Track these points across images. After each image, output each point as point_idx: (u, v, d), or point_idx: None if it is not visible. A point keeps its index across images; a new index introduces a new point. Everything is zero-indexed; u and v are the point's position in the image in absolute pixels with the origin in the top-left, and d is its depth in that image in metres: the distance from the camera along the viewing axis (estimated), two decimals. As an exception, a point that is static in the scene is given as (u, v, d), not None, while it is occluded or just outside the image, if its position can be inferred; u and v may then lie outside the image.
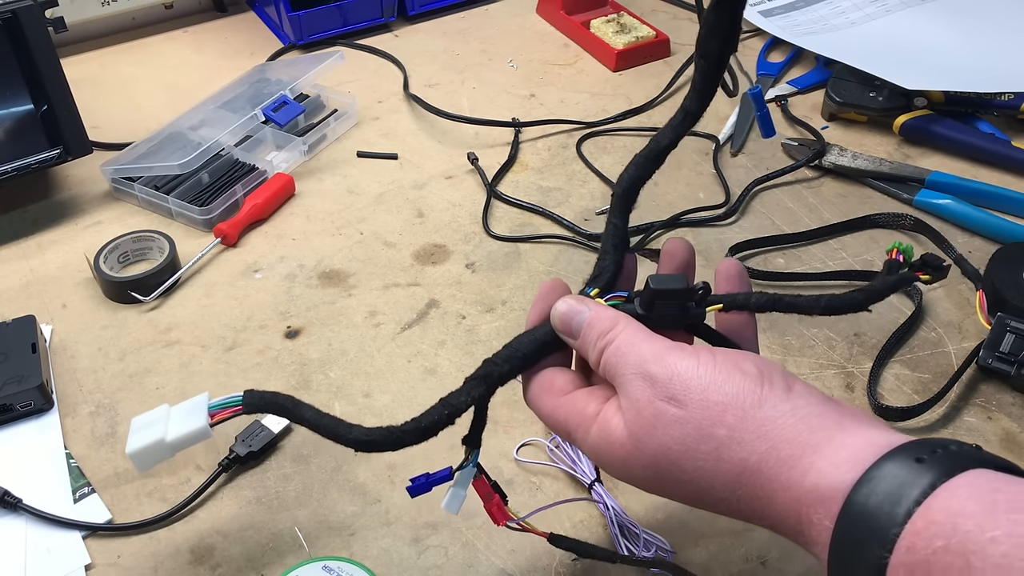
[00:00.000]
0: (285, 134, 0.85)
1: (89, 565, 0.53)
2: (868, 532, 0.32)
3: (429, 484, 0.46)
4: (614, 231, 0.47)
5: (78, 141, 0.76)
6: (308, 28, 1.00)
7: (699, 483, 0.38)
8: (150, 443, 0.46)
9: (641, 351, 0.40)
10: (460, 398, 0.44)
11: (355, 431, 0.43)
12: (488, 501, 0.47)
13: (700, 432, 0.37)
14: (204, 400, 0.47)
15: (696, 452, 0.38)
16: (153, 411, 0.48)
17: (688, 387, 0.38)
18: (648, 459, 0.39)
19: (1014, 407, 0.61)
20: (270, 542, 0.54)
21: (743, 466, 0.37)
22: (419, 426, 0.43)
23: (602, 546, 0.53)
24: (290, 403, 0.45)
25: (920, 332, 0.67)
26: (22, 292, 0.71)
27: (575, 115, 0.90)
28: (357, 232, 0.77)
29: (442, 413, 0.44)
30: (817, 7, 1.03)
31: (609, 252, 0.47)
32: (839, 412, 0.37)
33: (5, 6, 0.70)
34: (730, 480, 0.37)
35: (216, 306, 0.70)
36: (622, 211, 0.48)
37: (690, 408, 0.38)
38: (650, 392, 0.39)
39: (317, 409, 0.45)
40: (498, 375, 0.44)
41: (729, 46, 0.44)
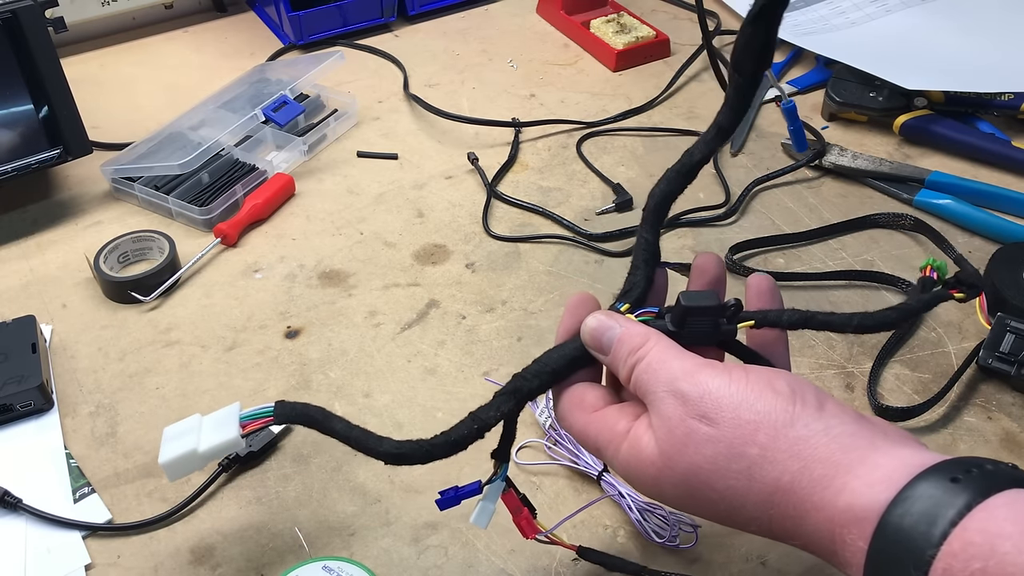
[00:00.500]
0: (285, 134, 0.85)
1: (89, 565, 0.53)
2: (904, 553, 0.32)
3: (458, 498, 0.47)
4: (645, 246, 0.47)
5: (78, 141, 0.76)
6: (308, 28, 1.00)
7: (730, 502, 0.38)
8: (182, 454, 0.46)
9: (672, 368, 0.40)
10: (490, 413, 0.44)
11: (385, 444, 0.44)
12: (517, 515, 0.48)
13: (732, 451, 0.37)
14: (236, 410, 0.47)
15: (728, 471, 0.38)
16: (185, 421, 0.48)
17: (720, 405, 0.38)
18: (679, 477, 0.39)
19: (1014, 407, 0.61)
20: (270, 542, 0.54)
21: (775, 486, 0.37)
22: (448, 440, 0.44)
23: (616, 554, 0.53)
24: (320, 415, 0.45)
25: (920, 332, 0.67)
26: (22, 292, 0.71)
27: (575, 115, 0.90)
28: (357, 232, 0.77)
29: (471, 427, 0.44)
30: (817, 7, 1.03)
31: (640, 267, 0.46)
32: (872, 431, 0.37)
33: (5, 6, 0.70)
34: (762, 499, 0.37)
35: (216, 306, 0.70)
36: (653, 225, 0.47)
37: (722, 427, 0.38)
38: (682, 410, 0.39)
39: (347, 421, 0.45)
40: (527, 390, 0.44)
41: (764, 62, 0.44)
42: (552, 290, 0.71)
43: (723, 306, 0.43)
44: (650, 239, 0.47)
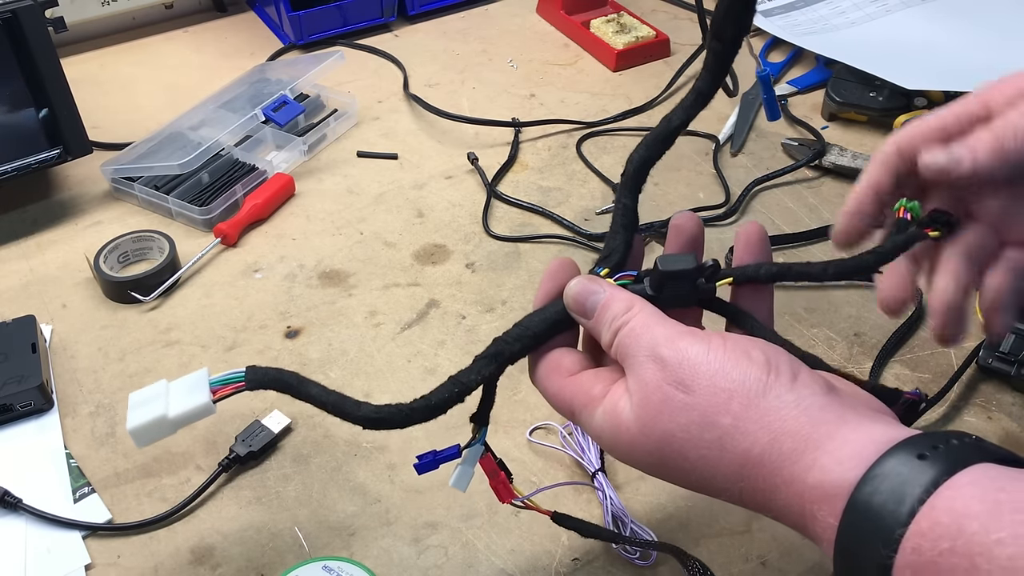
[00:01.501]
0: (285, 134, 0.85)
1: (89, 565, 0.53)
2: (872, 532, 0.32)
3: (436, 462, 0.46)
4: (624, 211, 0.47)
5: (78, 141, 0.76)
6: (308, 28, 1.00)
7: (702, 472, 0.38)
8: (151, 419, 0.44)
9: (655, 334, 0.40)
10: (470, 376, 0.44)
11: (364, 408, 0.43)
12: (494, 478, 0.47)
13: (705, 420, 0.37)
14: (204, 376, 0.46)
15: (700, 440, 0.37)
16: (151, 387, 0.46)
17: (697, 372, 0.38)
18: (653, 445, 0.39)
19: (1014, 407, 0.61)
20: (270, 542, 0.54)
21: (745, 457, 0.37)
22: (428, 404, 0.43)
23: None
24: (295, 380, 0.44)
25: (920, 332, 0.67)
26: (22, 292, 0.71)
27: (575, 115, 0.90)
28: (357, 232, 0.77)
29: (452, 391, 0.43)
30: (817, 7, 1.03)
31: (619, 232, 0.47)
32: (842, 404, 0.37)
33: (5, 6, 0.70)
34: (733, 471, 0.37)
35: (216, 306, 0.70)
36: (632, 191, 0.48)
37: (697, 394, 0.38)
38: (660, 376, 0.38)
39: (323, 386, 0.44)
40: (508, 354, 0.44)
41: (743, 28, 0.44)
42: (552, 290, 0.71)
43: (700, 268, 0.43)
44: (629, 204, 0.47)
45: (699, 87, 0.47)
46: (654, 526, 0.54)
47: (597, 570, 0.53)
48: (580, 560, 0.53)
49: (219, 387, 0.45)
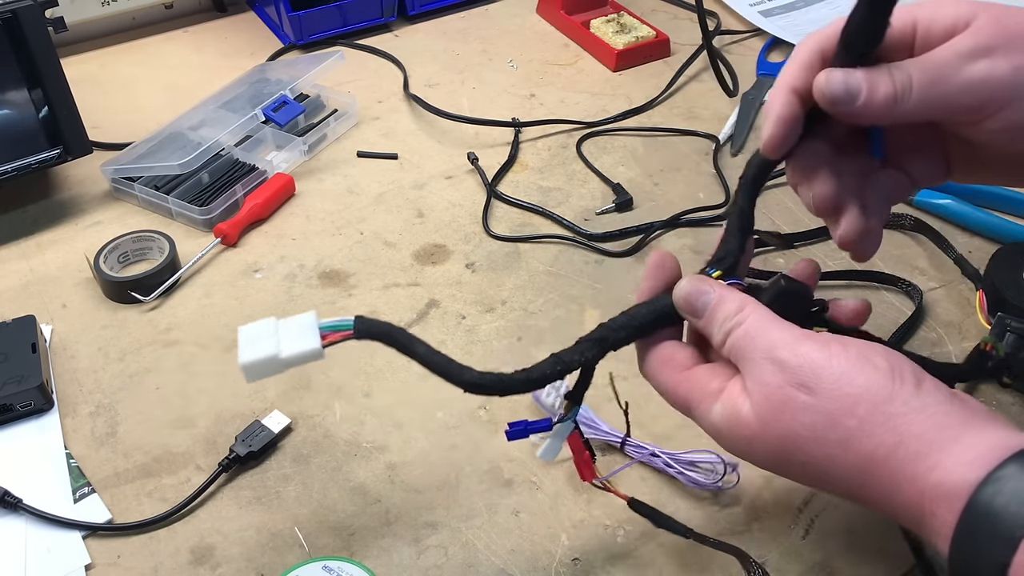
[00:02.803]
0: (285, 134, 0.85)
1: (89, 565, 0.53)
2: (993, 531, 0.34)
3: (527, 431, 0.48)
4: (740, 214, 0.48)
5: (78, 141, 0.76)
6: (308, 28, 1.00)
7: (824, 468, 0.40)
8: (264, 357, 0.44)
9: (772, 336, 0.41)
10: (573, 356, 0.45)
11: (467, 373, 0.44)
12: (579, 455, 0.49)
13: (830, 420, 0.39)
14: (313, 319, 0.46)
15: (824, 439, 0.39)
16: (260, 322, 0.46)
17: (819, 376, 0.39)
18: (774, 442, 0.40)
19: (1014, 407, 0.61)
20: (270, 542, 0.54)
21: (870, 457, 0.38)
22: (529, 377, 0.44)
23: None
24: (403, 336, 0.45)
25: (920, 332, 0.67)
26: (22, 292, 0.71)
27: (575, 115, 0.90)
28: (357, 232, 0.77)
29: (554, 368, 0.44)
30: (817, 7, 1.03)
31: (734, 235, 0.47)
32: (964, 410, 0.38)
33: (5, 6, 0.70)
34: (855, 469, 0.39)
35: (216, 306, 0.70)
36: (750, 194, 0.48)
37: (820, 396, 0.39)
38: (780, 377, 0.40)
39: (429, 346, 0.45)
40: (613, 340, 0.45)
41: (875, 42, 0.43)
42: (552, 290, 0.71)
43: (812, 300, 0.45)
44: (745, 208, 0.48)
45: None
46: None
47: (597, 570, 0.53)
48: (580, 560, 0.53)
49: (328, 333, 0.45)
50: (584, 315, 0.69)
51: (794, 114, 0.45)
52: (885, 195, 0.49)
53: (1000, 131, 0.42)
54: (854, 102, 0.42)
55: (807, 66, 0.44)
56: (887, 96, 0.42)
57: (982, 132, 0.43)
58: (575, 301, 0.70)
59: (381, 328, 0.45)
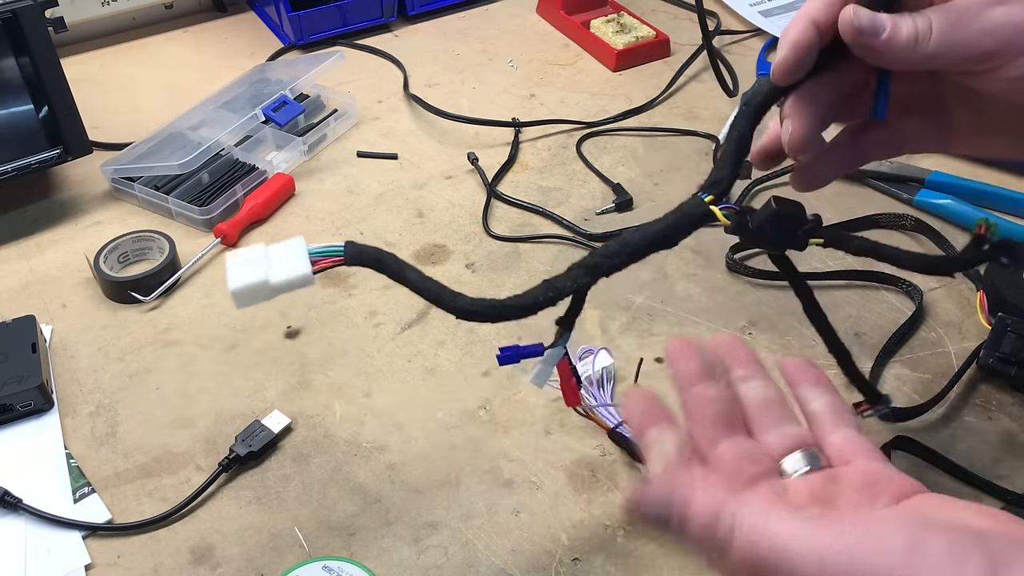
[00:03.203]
0: (285, 134, 0.85)
1: (89, 565, 0.53)
2: None
3: (518, 356, 0.48)
4: (737, 141, 0.47)
5: (78, 141, 0.76)
6: (308, 28, 1.00)
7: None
8: (254, 282, 0.44)
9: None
10: (565, 283, 0.45)
11: (460, 299, 0.44)
12: (566, 382, 0.49)
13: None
14: (302, 244, 0.46)
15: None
16: (248, 249, 0.46)
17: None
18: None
19: (1014, 407, 0.61)
20: (270, 542, 0.54)
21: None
22: (522, 303, 0.44)
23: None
24: (393, 262, 0.45)
25: (920, 332, 0.67)
26: (22, 292, 0.71)
27: (575, 115, 0.90)
28: (357, 232, 0.77)
29: (546, 294, 0.44)
30: (817, 7, 1.03)
31: (728, 163, 0.47)
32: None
33: (5, 6, 0.70)
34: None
35: (216, 306, 0.70)
36: (751, 121, 0.47)
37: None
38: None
39: (421, 272, 0.45)
40: (606, 267, 0.45)
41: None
42: (552, 290, 0.71)
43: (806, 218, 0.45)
44: (745, 134, 0.47)
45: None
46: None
47: (597, 570, 0.53)
48: (580, 560, 0.53)
49: (318, 259, 0.45)
50: (584, 315, 0.69)
51: (810, 42, 0.44)
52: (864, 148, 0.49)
53: (1015, 79, 0.42)
54: (878, 35, 0.42)
55: (830, 2, 0.44)
56: (909, 36, 0.42)
57: (996, 81, 0.43)
58: (575, 301, 0.70)
59: (371, 254, 0.45)
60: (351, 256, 0.45)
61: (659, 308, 0.69)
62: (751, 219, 0.45)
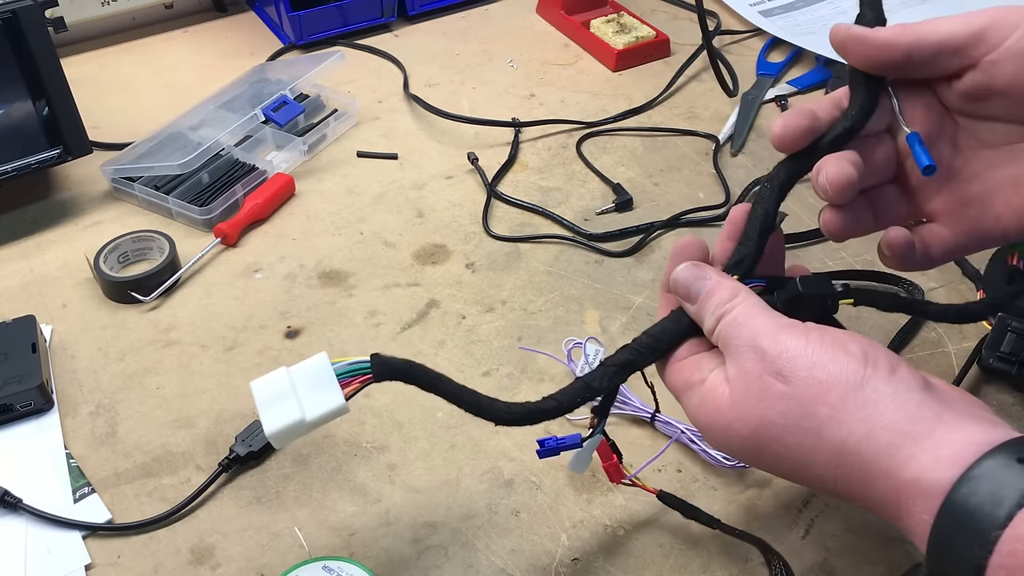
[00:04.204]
0: (285, 134, 0.85)
1: (89, 565, 0.53)
2: (968, 532, 0.33)
3: (557, 448, 0.49)
4: (763, 217, 0.47)
5: (78, 141, 0.76)
6: (308, 28, 1.00)
7: (797, 458, 0.39)
8: (290, 424, 0.44)
9: (756, 325, 0.41)
10: (601, 382, 0.46)
11: (497, 406, 0.45)
12: (607, 460, 0.51)
13: (803, 409, 0.39)
14: (327, 366, 0.45)
15: (797, 428, 0.39)
16: (271, 376, 0.45)
17: (795, 364, 0.39)
18: (749, 430, 0.40)
19: (1014, 407, 0.61)
20: (270, 542, 0.54)
21: (842, 447, 0.38)
22: (560, 404, 0.45)
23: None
24: (423, 373, 0.45)
25: (921, 332, 0.67)
26: (22, 292, 0.71)
27: (575, 115, 0.90)
28: (357, 232, 0.77)
29: (583, 394, 0.46)
30: (817, 7, 1.03)
31: (752, 239, 0.47)
32: (939, 402, 0.38)
33: (5, 6, 0.70)
34: (829, 459, 0.38)
35: (216, 306, 0.70)
36: (776, 197, 0.47)
37: (795, 385, 0.39)
38: (759, 366, 0.40)
39: (452, 381, 0.45)
40: (640, 364, 0.46)
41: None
42: (552, 290, 0.71)
43: (835, 294, 0.45)
44: (770, 210, 0.47)
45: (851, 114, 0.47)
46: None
47: (597, 570, 0.53)
48: (580, 560, 0.53)
49: (348, 380, 0.45)
50: (584, 315, 0.69)
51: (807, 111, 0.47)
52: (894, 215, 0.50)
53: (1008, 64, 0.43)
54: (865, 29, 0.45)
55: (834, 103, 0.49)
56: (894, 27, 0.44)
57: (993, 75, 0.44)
58: (575, 301, 0.70)
59: (400, 367, 0.44)
60: (379, 372, 0.44)
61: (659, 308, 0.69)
62: (778, 296, 0.45)
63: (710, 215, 0.77)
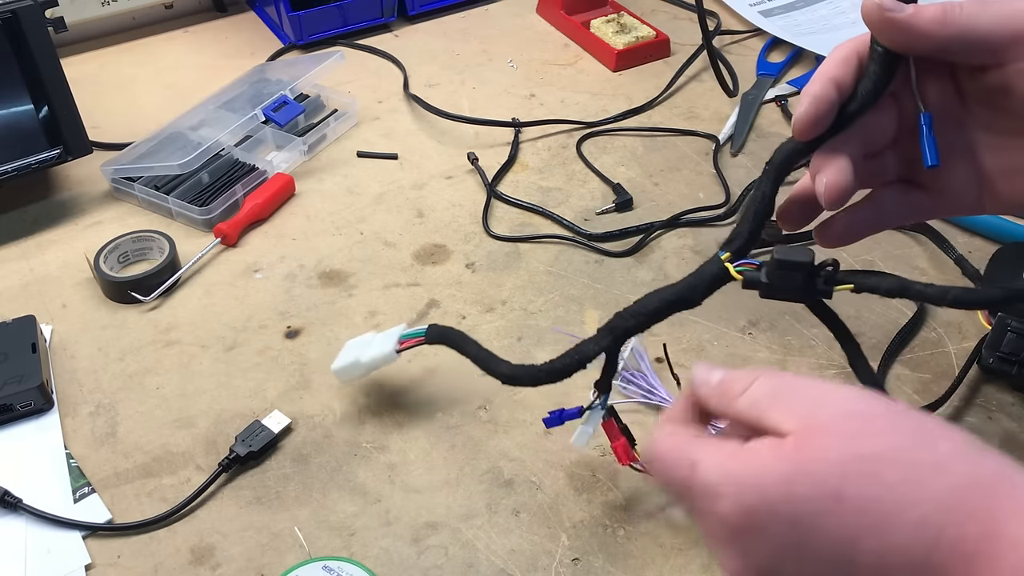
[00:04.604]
0: (285, 134, 0.85)
1: (89, 565, 0.53)
2: None
3: (562, 419, 0.53)
4: (761, 199, 0.47)
5: (78, 141, 0.76)
6: (308, 28, 1.00)
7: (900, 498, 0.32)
8: (349, 363, 0.59)
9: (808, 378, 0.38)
10: (590, 347, 0.48)
11: (503, 366, 0.52)
12: (615, 440, 0.51)
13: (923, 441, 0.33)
14: (399, 330, 0.59)
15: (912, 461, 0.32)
16: (362, 336, 0.61)
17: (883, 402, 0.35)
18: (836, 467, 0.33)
19: (1014, 407, 0.61)
20: (270, 542, 0.54)
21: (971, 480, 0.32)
22: (554, 368, 0.49)
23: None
24: (459, 337, 0.55)
25: (921, 332, 0.67)
26: (22, 292, 0.71)
27: (575, 115, 0.90)
28: (357, 232, 0.77)
29: (574, 359, 0.48)
30: (817, 7, 1.03)
31: (748, 220, 0.47)
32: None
33: (5, 6, 0.70)
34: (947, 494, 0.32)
35: (216, 306, 0.70)
36: (774, 180, 0.47)
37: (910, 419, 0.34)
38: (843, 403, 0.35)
39: (479, 344, 0.54)
40: (624, 328, 0.47)
41: None
42: (552, 290, 0.71)
43: (817, 264, 0.44)
44: (767, 192, 0.46)
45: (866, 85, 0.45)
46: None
47: (597, 570, 0.53)
48: (580, 560, 0.53)
49: (404, 339, 0.57)
50: (584, 315, 0.69)
51: (829, 97, 0.43)
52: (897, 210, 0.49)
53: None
54: (903, 10, 0.41)
55: (845, 60, 0.44)
56: (935, 13, 0.41)
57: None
58: (575, 301, 0.70)
59: (445, 333, 0.56)
60: (431, 336, 0.57)
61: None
62: (763, 272, 0.45)
63: (710, 215, 0.77)
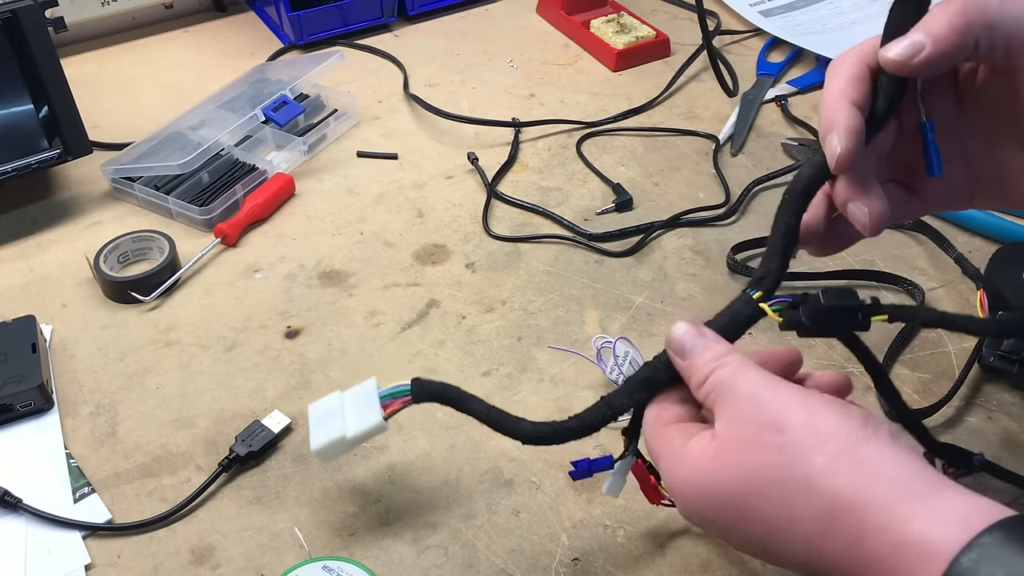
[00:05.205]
0: (285, 134, 0.85)
1: (89, 565, 0.53)
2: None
3: (591, 470, 0.50)
4: (785, 231, 0.45)
5: (78, 141, 0.76)
6: (308, 28, 1.00)
7: (782, 514, 0.37)
8: (333, 440, 0.50)
9: (751, 376, 0.40)
10: (623, 400, 0.46)
11: (523, 425, 0.47)
12: (644, 483, 0.49)
13: (795, 457, 0.37)
14: (374, 387, 0.50)
15: (788, 479, 0.37)
16: (327, 399, 0.52)
17: (791, 412, 0.38)
18: (734, 482, 0.38)
19: (1014, 407, 0.61)
20: (270, 542, 0.54)
21: (835, 499, 0.36)
22: (583, 424, 0.46)
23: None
24: (456, 395, 0.48)
25: (921, 332, 0.67)
26: (22, 292, 0.71)
27: (575, 115, 0.90)
28: (357, 232, 0.77)
29: (605, 413, 0.46)
30: (817, 7, 1.03)
31: (776, 254, 0.45)
32: (938, 474, 0.36)
33: (5, 6, 0.70)
34: (818, 515, 0.36)
35: (216, 306, 0.70)
36: (796, 211, 0.46)
37: (790, 433, 0.37)
38: (754, 412, 0.39)
39: (483, 401, 0.48)
40: (659, 381, 0.45)
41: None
42: (552, 290, 0.71)
43: (862, 305, 0.43)
44: (791, 224, 0.45)
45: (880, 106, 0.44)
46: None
47: (597, 570, 0.53)
48: (580, 560, 0.53)
49: (388, 402, 0.50)
50: (584, 315, 0.69)
51: (859, 127, 0.43)
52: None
53: None
54: (922, 50, 0.41)
55: (859, 79, 0.43)
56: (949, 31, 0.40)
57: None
58: (575, 301, 0.70)
59: (436, 390, 0.49)
60: (417, 395, 0.49)
61: (659, 308, 0.69)
62: (803, 311, 0.44)
63: (710, 215, 0.77)
